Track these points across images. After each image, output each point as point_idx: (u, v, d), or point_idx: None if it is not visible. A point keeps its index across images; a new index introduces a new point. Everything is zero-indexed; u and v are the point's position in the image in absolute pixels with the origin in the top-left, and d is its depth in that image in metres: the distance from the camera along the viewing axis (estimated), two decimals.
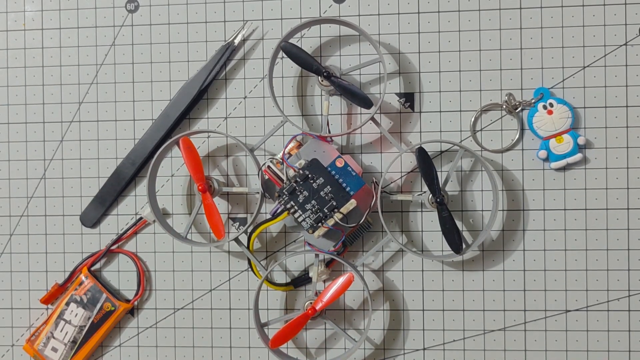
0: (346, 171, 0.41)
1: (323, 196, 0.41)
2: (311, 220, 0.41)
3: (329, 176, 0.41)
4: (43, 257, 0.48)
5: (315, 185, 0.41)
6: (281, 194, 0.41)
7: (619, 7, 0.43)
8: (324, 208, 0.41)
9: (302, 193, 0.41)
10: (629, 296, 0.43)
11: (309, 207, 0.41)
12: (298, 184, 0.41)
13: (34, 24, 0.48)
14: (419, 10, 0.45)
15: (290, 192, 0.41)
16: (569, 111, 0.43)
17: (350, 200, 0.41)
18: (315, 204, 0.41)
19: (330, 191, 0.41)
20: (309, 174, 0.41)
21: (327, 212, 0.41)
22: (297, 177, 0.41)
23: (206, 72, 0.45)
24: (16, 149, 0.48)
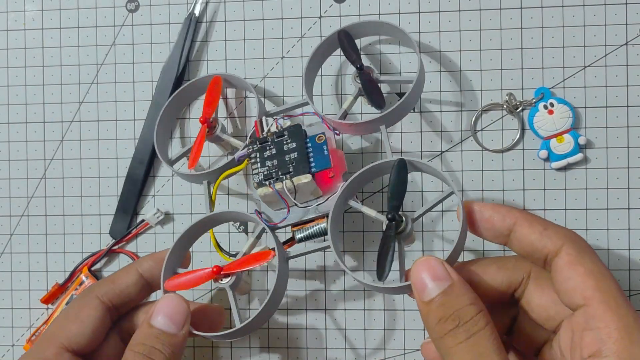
0: (320, 148, 0.39)
1: (286, 160, 0.39)
2: (261, 175, 0.39)
3: (302, 145, 0.39)
4: (43, 257, 0.48)
5: (285, 147, 0.39)
6: (253, 142, 0.40)
7: (620, 7, 0.43)
8: (279, 170, 0.39)
9: (271, 149, 0.39)
10: (629, 296, 0.43)
11: (268, 164, 0.39)
12: (272, 139, 0.39)
13: (34, 23, 0.48)
14: (420, 10, 0.45)
15: (261, 142, 0.40)
16: (570, 111, 0.43)
17: (307, 174, 0.38)
18: (275, 164, 0.39)
19: (295, 159, 0.39)
20: (287, 134, 0.39)
21: (280, 175, 0.39)
22: (275, 133, 0.40)
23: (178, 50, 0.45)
24: (16, 148, 0.48)
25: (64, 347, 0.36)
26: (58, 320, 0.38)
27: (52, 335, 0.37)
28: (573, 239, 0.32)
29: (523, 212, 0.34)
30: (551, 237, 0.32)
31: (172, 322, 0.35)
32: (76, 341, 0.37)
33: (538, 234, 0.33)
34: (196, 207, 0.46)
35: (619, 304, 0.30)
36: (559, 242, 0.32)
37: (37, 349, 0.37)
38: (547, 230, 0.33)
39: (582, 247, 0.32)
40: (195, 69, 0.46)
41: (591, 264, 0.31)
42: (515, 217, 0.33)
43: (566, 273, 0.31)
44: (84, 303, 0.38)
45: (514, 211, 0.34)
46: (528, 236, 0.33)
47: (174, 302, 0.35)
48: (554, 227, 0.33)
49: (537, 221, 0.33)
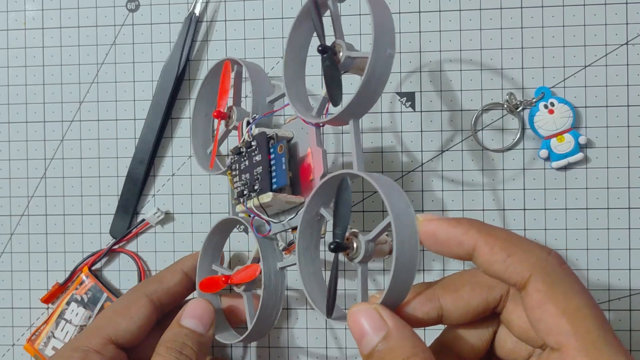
0: (280, 161, 0.35)
1: (254, 174, 0.37)
2: (237, 190, 0.38)
3: (266, 157, 0.36)
4: (44, 256, 0.48)
5: (254, 159, 0.37)
6: (233, 152, 0.39)
7: (620, 7, 0.43)
8: (249, 186, 0.37)
9: (244, 161, 0.38)
10: (630, 295, 0.43)
11: (243, 178, 0.38)
12: (245, 149, 0.38)
13: (35, 23, 0.48)
14: (420, 10, 0.45)
15: (236, 153, 0.38)
16: (570, 110, 0.43)
17: (268, 193, 0.35)
18: (247, 178, 0.37)
19: (260, 173, 0.36)
20: (255, 145, 0.36)
21: (249, 193, 0.37)
22: (245, 143, 0.37)
23: (178, 49, 0.45)
24: (17, 148, 0.48)
25: (110, 339, 0.38)
26: (106, 314, 0.40)
27: (99, 327, 0.39)
28: (542, 267, 0.27)
29: (483, 230, 0.28)
30: (516, 266, 0.27)
31: (201, 323, 0.37)
32: (122, 335, 0.39)
33: (501, 262, 0.27)
34: (197, 206, 0.46)
35: (599, 350, 0.25)
36: (525, 273, 0.27)
37: (83, 338, 0.39)
38: (512, 257, 0.27)
39: (553, 278, 0.27)
40: (195, 69, 0.46)
41: (564, 300, 0.26)
42: (474, 239, 0.28)
43: (537, 313, 0.27)
44: (134, 300, 0.40)
45: (473, 231, 0.28)
46: (491, 265, 0.28)
47: (202, 305, 0.38)
48: (520, 253, 0.27)
49: (500, 245, 0.28)
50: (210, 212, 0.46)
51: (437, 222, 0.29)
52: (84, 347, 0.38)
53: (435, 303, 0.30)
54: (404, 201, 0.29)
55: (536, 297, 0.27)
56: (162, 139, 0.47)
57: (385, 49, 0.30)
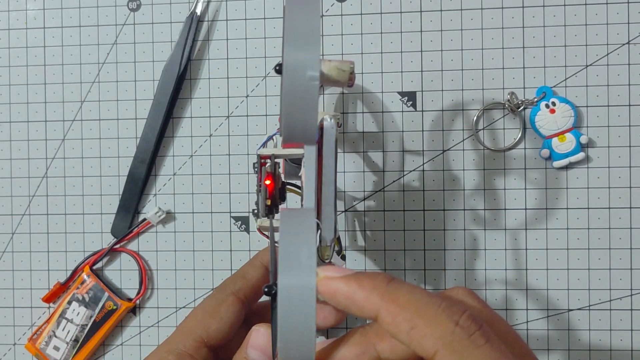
0: None
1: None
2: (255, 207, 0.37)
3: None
4: (45, 255, 0.48)
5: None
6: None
7: (622, 6, 0.43)
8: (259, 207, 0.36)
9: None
10: (631, 295, 0.43)
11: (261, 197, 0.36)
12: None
13: (36, 22, 0.48)
14: (421, 9, 0.45)
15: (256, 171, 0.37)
16: (572, 110, 0.43)
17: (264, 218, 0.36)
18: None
19: None
20: None
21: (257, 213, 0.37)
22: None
23: (180, 49, 0.45)
24: (18, 147, 0.48)
25: (203, 341, 0.38)
26: (196, 315, 0.39)
27: (191, 329, 0.38)
28: (448, 342, 0.24)
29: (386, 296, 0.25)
30: (420, 340, 0.24)
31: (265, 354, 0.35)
32: (214, 336, 0.38)
33: (405, 334, 0.25)
34: (198, 206, 0.46)
35: None
36: (431, 349, 0.24)
37: (176, 341, 0.38)
38: (415, 330, 0.25)
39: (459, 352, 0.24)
40: (196, 68, 0.46)
41: None
42: (375, 306, 0.25)
43: None
44: (221, 300, 0.39)
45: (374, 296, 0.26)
46: (395, 335, 0.25)
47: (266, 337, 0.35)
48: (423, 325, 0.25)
49: (403, 315, 0.25)
50: (211, 211, 0.46)
51: (337, 282, 0.26)
52: (178, 350, 0.37)
53: (372, 353, 0.27)
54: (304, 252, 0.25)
55: None
56: (164, 138, 0.47)
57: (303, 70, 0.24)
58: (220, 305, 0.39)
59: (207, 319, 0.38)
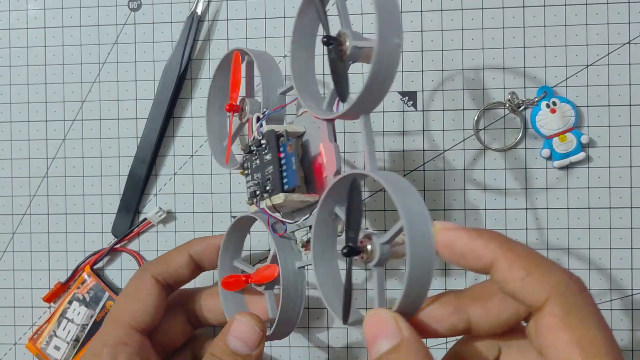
0: (289, 160, 0.34)
1: (266, 174, 0.36)
2: (250, 191, 0.37)
3: (276, 157, 0.35)
4: (45, 255, 0.48)
5: (265, 158, 0.36)
6: (244, 150, 0.38)
7: (623, 6, 0.43)
8: (260, 186, 0.36)
9: (255, 160, 0.37)
10: (632, 295, 0.43)
11: (255, 177, 0.37)
12: (255, 148, 0.36)
13: (37, 22, 0.48)
14: (422, 9, 0.45)
15: (248, 151, 0.37)
16: (572, 110, 0.43)
17: (280, 194, 0.34)
18: (259, 178, 0.36)
19: (271, 173, 0.35)
20: (265, 144, 0.35)
21: (261, 193, 0.36)
22: (255, 141, 0.36)
23: (180, 48, 0.45)
24: (19, 147, 0.48)
25: (132, 327, 0.38)
26: (120, 302, 0.40)
27: (118, 317, 0.39)
28: (561, 292, 0.26)
29: (504, 245, 0.27)
30: (534, 287, 0.26)
31: (246, 344, 0.36)
32: (142, 319, 0.38)
33: (519, 281, 0.26)
34: (198, 205, 0.46)
35: None
36: (542, 295, 0.26)
37: (106, 332, 0.38)
38: (530, 277, 0.26)
39: (571, 303, 0.25)
40: (197, 68, 0.46)
41: (581, 327, 0.25)
42: (493, 254, 0.27)
43: (549, 339, 0.25)
44: (141, 283, 0.40)
45: (493, 244, 0.27)
46: (508, 283, 0.26)
47: (249, 327, 0.36)
48: (539, 272, 0.26)
49: (520, 262, 0.26)
50: (212, 211, 0.46)
51: (456, 231, 0.27)
52: (111, 341, 0.38)
53: (463, 315, 0.29)
54: (419, 205, 0.27)
55: (551, 321, 0.25)
56: (164, 138, 0.47)
57: (391, 38, 0.28)
58: (140, 289, 0.39)
59: (130, 304, 0.39)
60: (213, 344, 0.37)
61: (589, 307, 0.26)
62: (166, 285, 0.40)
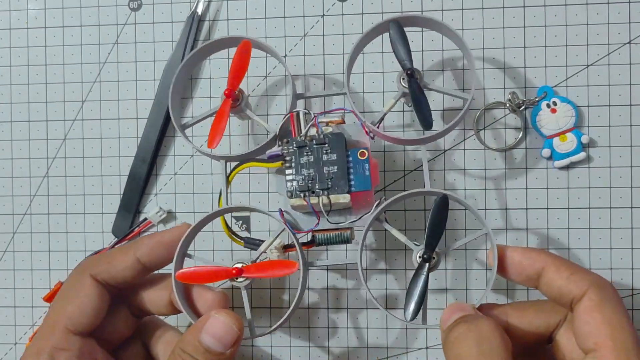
0: (362, 166, 0.37)
1: (325, 172, 0.37)
2: (297, 184, 0.37)
3: (343, 158, 0.37)
4: (46, 255, 0.48)
5: (325, 157, 0.37)
6: (289, 142, 0.38)
7: (623, 6, 0.43)
8: (316, 183, 0.37)
9: (308, 156, 0.37)
10: (632, 295, 0.43)
11: (304, 172, 0.37)
12: (311, 144, 0.37)
13: (37, 22, 0.48)
14: (422, 9, 0.45)
15: (298, 146, 0.37)
16: (573, 110, 0.43)
17: (345, 194, 0.37)
18: (312, 174, 0.37)
19: (334, 173, 0.37)
20: (327, 143, 0.37)
21: (317, 189, 0.37)
22: (315, 138, 0.37)
23: (181, 48, 0.45)
24: (19, 147, 0.48)
25: (70, 330, 0.36)
26: (57, 304, 0.37)
27: (55, 321, 0.37)
28: (599, 285, 0.33)
29: (552, 256, 0.35)
30: (577, 282, 0.33)
31: (221, 343, 0.35)
32: (79, 322, 0.37)
33: (565, 279, 0.34)
34: (199, 205, 0.46)
35: (629, 354, 0.31)
36: (584, 287, 0.33)
37: (42, 337, 0.37)
38: (574, 275, 0.34)
39: (605, 294, 0.33)
40: (198, 68, 0.46)
41: (611, 312, 0.32)
42: (544, 261, 0.35)
43: (584, 317, 0.32)
44: (80, 283, 0.37)
45: (543, 255, 0.35)
46: (555, 281, 0.34)
47: (226, 327, 0.35)
48: (581, 272, 0.34)
49: (565, 266, 0.34)
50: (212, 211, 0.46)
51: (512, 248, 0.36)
52: (48, 347, 0.36)
53: (503, 318, 0.36)
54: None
55: (588, 304, 0.32)
56: (165, 138, 0.47)
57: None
58: (79, 290, 0.37)
59: (67, 306, 0.37)
60: (183, 339, 0.35)
61: (619, 300, 0.33)
62: (107, 285, 0.38)
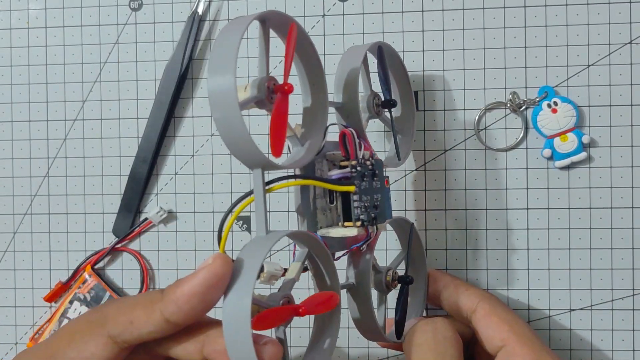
0: (388, 195, 0.38)
1: (375, 200, 0.35)
2: (362, 212, 0.34)
3: (384, 186, 0.37)
4: (46, 255, 0.48)
5: (375, 184, 0.36)
6: (358, 164, 0.34)
7: (624, 6, 0.43)
8: (370, 211, 0.35)
9: (364, 182, 0.35)
10: (633, 295, 0.43)
11: (364, 199, 0.35)
12: (367, 169, 0.35)
13: (38, 22, 0.48)
14: (423, 9, 0.45)
15: (362, 169, 0.35)
16: (574, 110, 0.43)
17: (384, 223, 0.36)
18: (368, 201, 0.35)
19: (380, 201, 0.36)
20: (376, 171, 0.36)
21: (372, 218, 0.35)
22: (369, 164, 0.35)
23: (181, 48, 0.45)
24: (20, 147, 0.48)
25: None
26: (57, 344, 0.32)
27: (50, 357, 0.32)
28: (487, 297, 0.39)
29: (453, 277, 0.41)
30: (470, 296, 0.39)
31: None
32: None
33: (460, 294, 0.39)
34: (199, 205, 0.46)
35: (532, 340, 0.36)
36: (476, 300, 0.38)
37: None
38: (468, 291, 0.39)
39: (494, 302, 0.39)
40: (198, 68, 0.46)
41: (504, 313, 0.38)
42: (444, 282, 0.41)
43: (483, 323, 0.37)
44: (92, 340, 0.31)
45: (445, 278, 0.41)
46: (452, 297, 0.39)
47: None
48: (474, 289, 0.40)
49: (462, 284, 0.40)
50: (213, 211, 0.46)
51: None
52: None
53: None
54: None
55: (482, 312, 0.38)
56: (165, 137, 0.47)
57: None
58: (88, 345, 0.31)
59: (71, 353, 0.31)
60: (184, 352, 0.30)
61: (505, 305, 0.40)
62: (126, 347, 0.31)
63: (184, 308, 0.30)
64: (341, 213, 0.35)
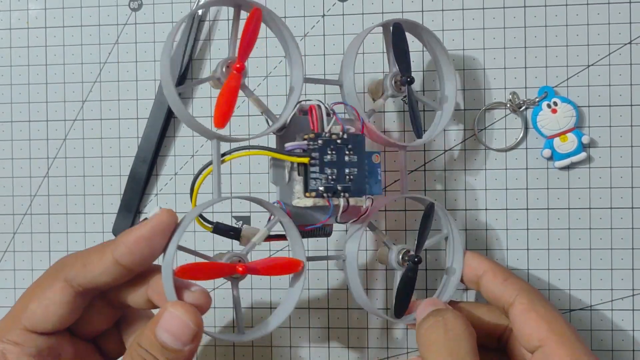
0: (375, 171, 0.37)
1: (345, 174, 0.36)
2: (320, 184, 0.35)
3: (362, 161, 0.36)
4: (46, 255, 0.48)
5: (347, 158, 0.36)
6: (317, 137, 0.35)
7: (624, 6, 0.43)
8: (337, 184, 0.35)
9: (332, 155, 0.35)
10: (633, 295, 0.43)
11: (327, 172, 0.35)
12: (335, 142, 0.35)
13: (38, 22, 0.48)
14: (423, 9, 0.45)
15: (324, 142, 0.35)
16: (573, 110, 0.43)
17: (364, 197, 0.36)
18: (334, 175, 0.35)
19: (355, 175, 0.36)
20: (351, 144, 0.36)
21: (339, 191, 0.35)
22: (339, 137, 0.35)
23: (181, 48, 0.45)
24: (19, 147, 0.48)
25: (28, 329, 0.34)
26: (22, 301, 0.35)
27: (14, 316, 0.35)
28: (527, 290, 0.37)
29: (491, 262, 0.39)
30: (508, 287, 0.37)
31: (178, 339, 0.32)
32: (40, 324, 0.34)
33: (499, 284, 0.38)
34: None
35: (572, 342, 0.34)
36: (515, 292, 0.37)
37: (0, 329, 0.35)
38: (507, 281, 0.38)
39: (533, 296, 0.37)
40: (198, 68, 0.46)
41: (543, 309, 0.36)
42: (483, 268, 0.39)
43: (521, 319, 0.36)
44: (50, 285, 0.34)
45: (483, 262, 0.39)
46: (491, 286, 0.38)
47: (181, 322, 0.32)
48: (513, 278, 0.38)
49: (501, 273, 0.38)
50: (212, 211, 0.46)
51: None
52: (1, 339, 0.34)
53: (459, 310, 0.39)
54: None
55: (521, 307, 0.36)
56: (165, 138, 0.47)
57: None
58: (47, 291, 0.34)
59: (32, 305, 0.34)
60: (141, 333, 0.33)
61: (547, 300, 0.37)
62: (83, 291, 0.34)
63: (133, 249, 0.33)
64: (303, 184, 0.36)
